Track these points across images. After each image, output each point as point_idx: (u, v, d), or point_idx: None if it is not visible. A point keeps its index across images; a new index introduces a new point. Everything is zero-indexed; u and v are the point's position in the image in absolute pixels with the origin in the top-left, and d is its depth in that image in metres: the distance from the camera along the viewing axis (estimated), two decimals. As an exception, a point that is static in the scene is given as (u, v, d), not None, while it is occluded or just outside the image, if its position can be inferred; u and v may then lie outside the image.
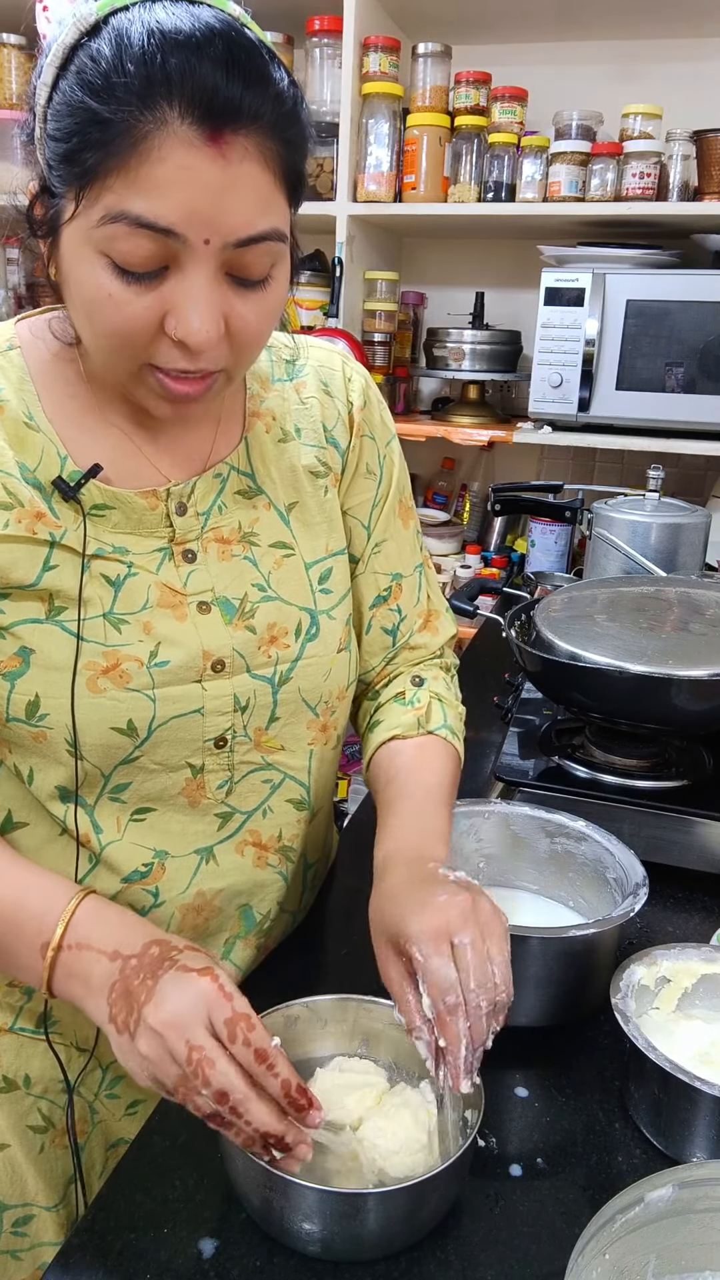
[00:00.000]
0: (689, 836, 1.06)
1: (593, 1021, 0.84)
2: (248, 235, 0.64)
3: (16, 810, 0.80)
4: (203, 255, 0.64)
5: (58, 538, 0.75)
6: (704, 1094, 0.68)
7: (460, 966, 0.67)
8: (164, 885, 0.82)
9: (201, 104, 0.60)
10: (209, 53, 0.60)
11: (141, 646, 0.77)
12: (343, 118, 2.05)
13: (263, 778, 0.85)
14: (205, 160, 0.61)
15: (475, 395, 2.27)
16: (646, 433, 1.96)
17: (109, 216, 0.62)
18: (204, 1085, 0.60)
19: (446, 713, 0.94)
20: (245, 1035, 0.61)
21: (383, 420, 0.93)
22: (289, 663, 0.83)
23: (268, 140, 0.63)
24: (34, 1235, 0.85)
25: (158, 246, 0.63)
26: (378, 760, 0.92)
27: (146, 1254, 0.63)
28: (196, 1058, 0.61)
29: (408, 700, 0.94)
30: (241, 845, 0.86)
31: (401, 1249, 0.64)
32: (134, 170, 0.61)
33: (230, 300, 0.67)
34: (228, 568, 0.81)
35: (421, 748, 0.91)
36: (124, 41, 0.60)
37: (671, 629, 1.16)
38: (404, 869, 0.77)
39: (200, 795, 0.82)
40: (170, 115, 0.60)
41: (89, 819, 0.79)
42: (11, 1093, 0.85)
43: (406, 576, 0.95)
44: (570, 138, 2.01)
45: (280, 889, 0.89)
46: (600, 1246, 0.56)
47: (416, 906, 0.71)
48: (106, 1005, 0.66)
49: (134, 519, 0.78)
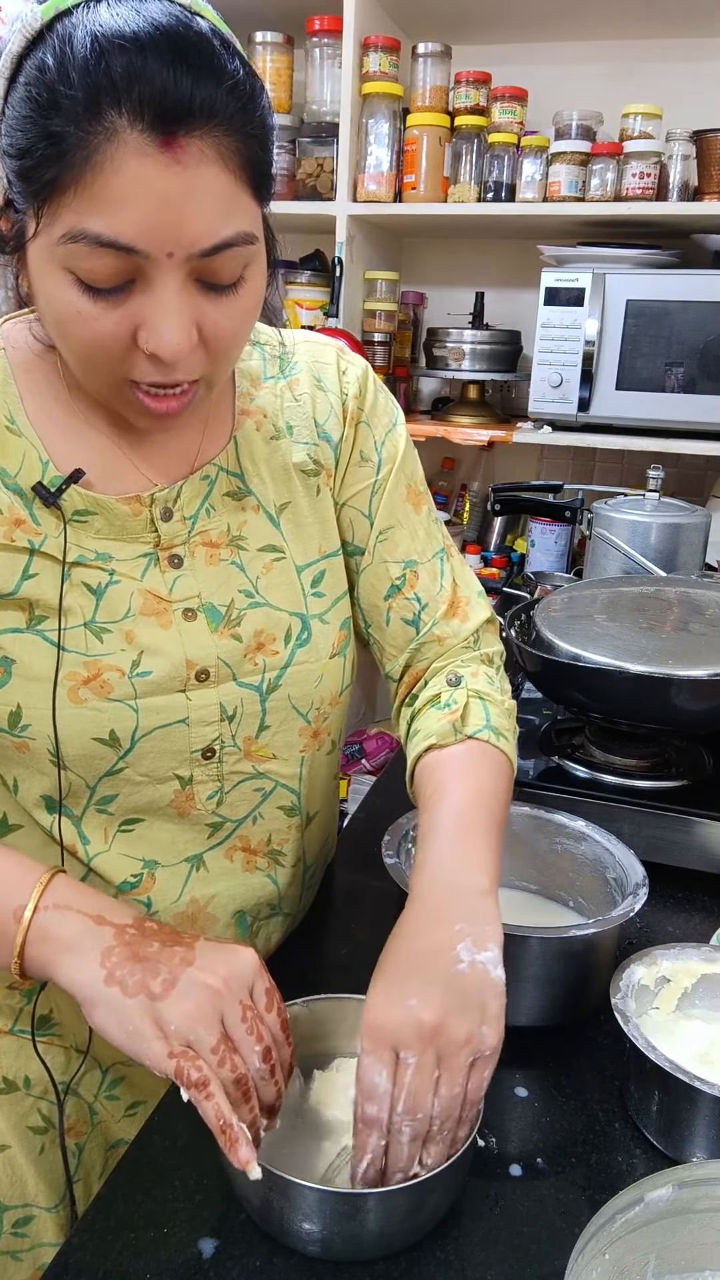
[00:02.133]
0: (689, 836, 1.06)
1: (593, 1021, 0.84)
2: (212, 244, 0.62)
3: (11, 814, 0.80)
4: (168, 267, 0.62)
5: (37, 545, 0.74)
6: (704, 1094, 0.68)
7: (396, 1082, 0.62)
8: (156, 895, 0.82)
9: (151, 108, 0.58)
10: (154, 52, 0.58)
11: (123, 656, 0.76)
12: (343, 118, 2.05)
13: (254, 786, 0.84)
14: (160, 169, 0.59)
15: (475, 395, 2.26)
16: (646, 433, 1.96)
17: (69, 235, 0.60)
18: (257, 1041, 0.63)
19: (489, 711, 0.85)
20: (279, 1005, 0.67)
21: (383, 406, 0.89)
22: (277, 670, 0.82)
23: (225, 138, 0.61)
24: (34, 1236, 0.85)
25: (121, 262, 0.61)
26: (418, 775, 0.85)
27: (146, 1254, 0.63)
28: (251, 1015, 0.63)
29: (444, 703, 0.86)
30: (230, 851, 0.85)
31: (401, 1249, 0.64)
32: (89, 186, 0.59)
33: (202, 307, 0.65)
34: (215, 573, 0.80)
35: (459, 758, 0.83)
36: (67, 50, 0.58)
37: (671, 629, 1.16)
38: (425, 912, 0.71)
39: (190, 807, 0.81)
40: (120, 124, 0.58)
41: (75, 830, 0.79)
42: (12, 1094, 0.85)
43: (423, 563, 0.89)
44: (570, 138, 2.00)
45: (272, 891, 0.89)
46: (600, 1246, 0.56)
47: (385, 990, 0.66)
48: (100, 967, 0.64)
49: (117, 525, 0.76)
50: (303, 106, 2.17)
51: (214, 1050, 0.62)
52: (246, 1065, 0.63)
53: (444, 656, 0.91)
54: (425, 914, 0.71)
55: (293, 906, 0.94)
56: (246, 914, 0.88)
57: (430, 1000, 0.64)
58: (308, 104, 2.15)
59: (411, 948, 0.69)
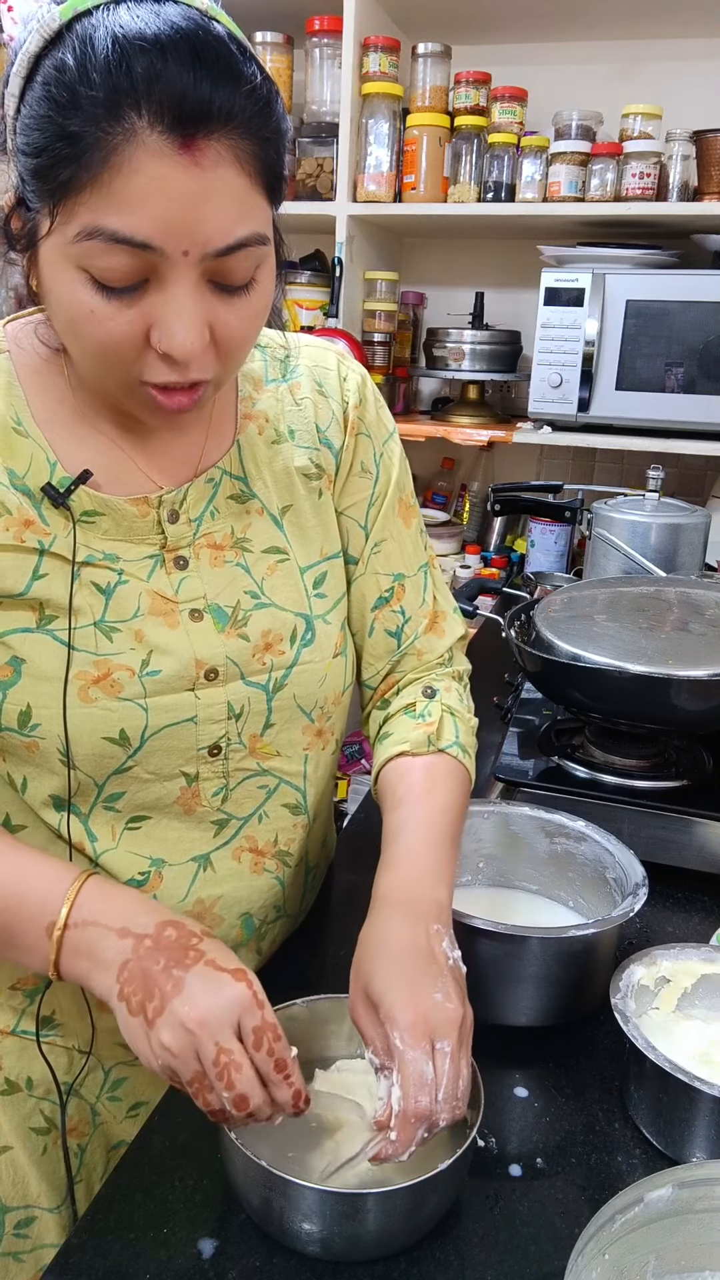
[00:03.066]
0: (689, 836, 1.06)
1: (593, 1021, 0.84)
2: (226, 244, 0.63)
3: (15, 814, 0.80)
4: (183, 266, 0.63)
5: (47, 545, 0.74)
6: (704, 1094, 0.68)
7: (437, 1070, 0.65)
8: (162, 894, 0.82)
9: (171, 110, 0.58)
10: (175, 55, 0.58)
11: (133, 655, 0.76)
12: (342, 118, 2.05)
13: (258, 784, 0.85)
14: (178, 169, 0.60)
15: (475, 395, 2.27)
16: (646, 433, 1.96)
17: (84, 233, 0.61)
18: (227, 1088, 0.61)
19: (459, 729, 0.90)
20: (270, 1044, 0.63)
21: (380, 418, 0.91)
22: (284, 669, 0.82)
23: (242, 141, 0.61)
24: (36, 1237, 0.85)
25: (136, 261, 0.62)
26: (385, 776, 0.88)
27: (146, 1254, 0.63)
28: (224, 1061, 0.62)
29: (419, 713, 0.90)
30: (238, 851, 0.85)
31: (401, 1249, 0.64)
32: (107, 185, 0.59)
33: (214, 307, 0.66)
34: (220, 574, 0.80)
35: (431, 769, 0.87)
36: (88, 50, 0.59)
37: (671, 629, 1.16)
38: (399, 912, 0.75)
39: (195, 803, 0.82)
40: (139, 125, 0.58)
41: (83, 827, 0.79)
42: (14, 1095, 0.86)
43: (410, 577, 0.93)
44: (570, 138, 2.01)
45: (278, 894, 0.89)
46: (600, 1246, 0.56)
47: (409, 988, 0.68)
48: (116, 983, 0.65)
49: (124, 526, 0.77)
50: (303, 106, 2.17)
51: (190, 1084, 0.63)
52: (221, 1103, 0.62)
53: (419, 670, 0.95)
54: (403, 914, 0.75)
55: (295, 908, 0.94)
56: (254, 917, 0.88)
57: (450, 993, 0.69)
58: (308, 104, 2.16)
59: (408, 946, 0.72)
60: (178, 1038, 0.62)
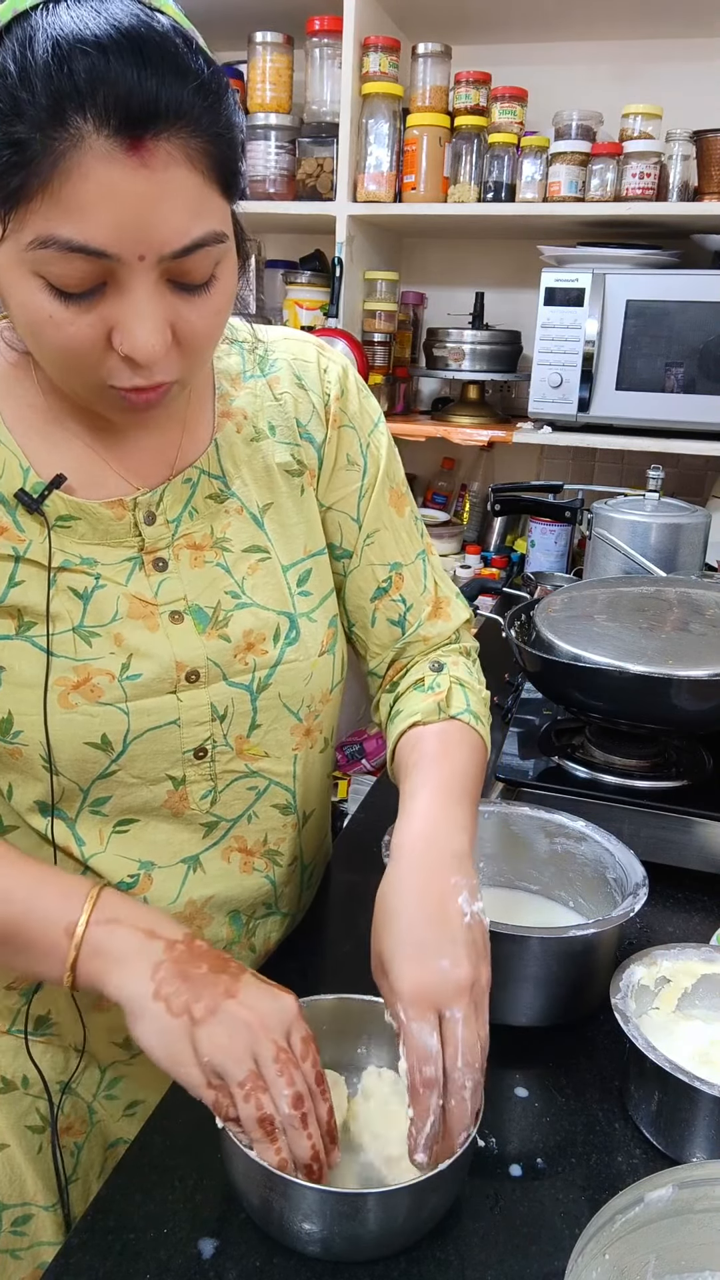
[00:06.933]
0: (689, 836, 1.06)
1: (593, 1021, 0.84)
2: (183, 245, 0.62)
3: (4, 816, 0.80)
4: (140, 270, 0.62)
5: (22, 551, 0.74)
6: (704, 1094, 0.68)
7: (447, 1040, 0.65)
8: (153, 897, 0.82)
9: (116, 112, 0.57)
10: (117, 54, 0.57)
11: (113, 659, 0.76)
12: (342, 118, 2.05)
13: (247, 785, 0.84)
14: (128, 172, 0.58)
15: (475, 395, 2.26)
16: (646, 433, 1.96)
17: (38, 241, 0.60)
18: (288, 1085, 0.62)
19: (469, 697, 0.89)
20: (314, 1057, 0.65)
21: (364, 408, 0.89)
22: (267, 669, 0.82)
23: (193, 138, 0.60)
24: (33, 1235, 0.85)
25: (92, 266, 0.61)
26: (400, 750, 0.87)
27: (146, 1254, 0.63)
28: (285, 1058, 0.63)
29: (427, 686, 0.90)
30: (227, 851, 0.85)
31: (401, 1249, 0.64)
32: (57, 192, 0.58)
33: (175, 307, 0.65)
34: (200, 575, 0.80)
35: (444, 734, 0.86)
36: (28, 54, 0.57)
37: (671, 629, 1.16)
38: (414, 866, 0.74)
39: (184, 806, 0.81)
40: (85, 129, 0.57)
41: (70, 832, 0.79)
42: (10, 1093, 0.85)
43: (407, 565, 0.92)
44: (570, 138, 2.00)
45: (269, 892, 0.89)
46: (600, 1246, 0.56)
47: (414, 954, 0.68)
48: (150, 981, 0.65)
49: (100, 530, 0.76)
50: (303, 106, 2.17)
51: (241, 1085, 0.62)
52: (275, 1106, 0.62)
53: (427, 654, 0.94)
54: (419, 867, 0.74)
55: (291, 905, 0.94)
56: (241, 913, 0.88)
57: (459, 957, 0.67)
58: (308, 104, 2.15)
59: (419, 905, 0.71)
60: (236, 1034, 0.63)
